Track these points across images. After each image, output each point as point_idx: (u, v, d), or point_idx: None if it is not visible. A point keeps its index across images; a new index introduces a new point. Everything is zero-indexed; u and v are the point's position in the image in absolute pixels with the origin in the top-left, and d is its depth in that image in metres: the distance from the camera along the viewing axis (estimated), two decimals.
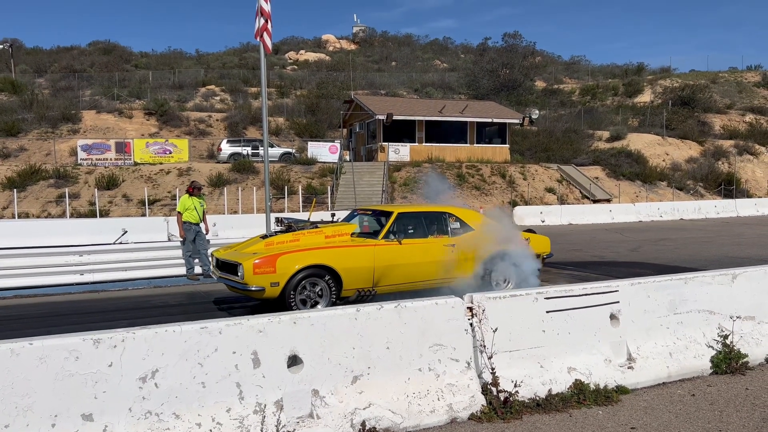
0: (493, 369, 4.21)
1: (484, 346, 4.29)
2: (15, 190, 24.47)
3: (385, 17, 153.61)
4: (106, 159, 28.58)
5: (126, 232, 7.82)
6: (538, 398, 4.35)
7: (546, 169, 31.55)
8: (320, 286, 7.38)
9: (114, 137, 31.71)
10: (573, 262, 12.66)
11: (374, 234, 7.99)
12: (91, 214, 23.52)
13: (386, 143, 29.96)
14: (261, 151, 29.07)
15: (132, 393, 3.35)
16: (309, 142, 32.11)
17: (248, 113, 39.07)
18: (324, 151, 30.81)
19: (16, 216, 22.98)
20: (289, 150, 31.78)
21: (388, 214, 8.11)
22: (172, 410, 3.44)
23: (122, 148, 29.01)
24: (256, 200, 24.96)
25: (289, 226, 8.16)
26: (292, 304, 7.15)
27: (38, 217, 23.86)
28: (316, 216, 13.70)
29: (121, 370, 3.34)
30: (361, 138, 34.04)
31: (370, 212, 8.76)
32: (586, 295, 4.83)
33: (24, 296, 9.21)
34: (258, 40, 11.40)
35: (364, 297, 7.63)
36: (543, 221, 24.64)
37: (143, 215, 23.35)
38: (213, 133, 36.65)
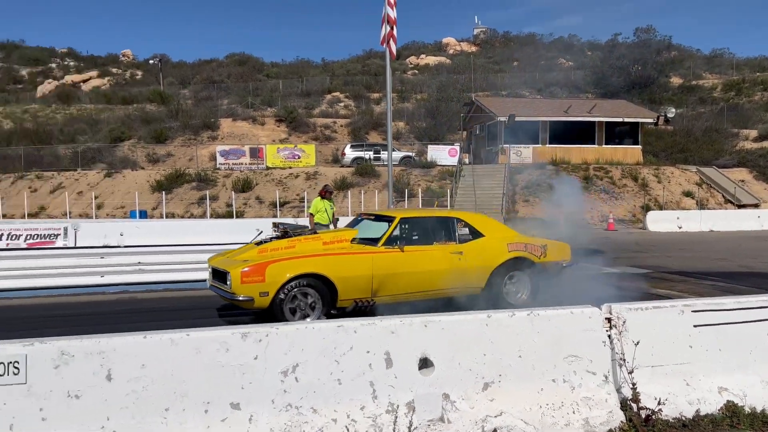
0: (633, 384, 3.97)
1: (624, 360, 4.05)
2: (164, 192, 26.91)
3: (506, 17, 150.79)
4: (242, 163, 30.58)
5: (261, 232, 8.26)
6: (683, 418, 4.05)
7: (683, 172, 29.33)
8: (313, 296, 6.92)
9: (248, 143, 33.85)
10: (716, 273, 11.65)
11: (375, 240, 7.45)
12: (228, 215, 25.29)
13: (507, 145, 29.38)
14: (382, 155, 29.67)
15: (275, 386, 3.55)
16: (429, 146, 32.27)
17: (370, 118, 40.06)
18: (443, 155, 30.82)
19: (164, 216, 25.24)
20: (409, 153, 32.14)
21: (390, 219, 7.64)
22: (310, 405, 3.59)
23: (256, 153, 30.92)
24: (378, 203, 25.52)
25: (285, 232, 7.68)
26: (283, 315, 6.74)
27: (182, 217, 26.04)
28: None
29: (265, 363, 3.54)
30: (481, 140, 33.64)
31: (373, 217, 8.34)
32: (740, 309, 4.42)
33: (172, 290, 10.06)
34: (384, 46, 11.65)
35: (362, 308, 7.14)
36: (680, 227, 22.92)
37: (274, 216, 24.70)
38: (337, 138, 37.97)
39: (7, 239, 16.44)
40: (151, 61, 57.09)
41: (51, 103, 50.27)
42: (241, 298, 6.73)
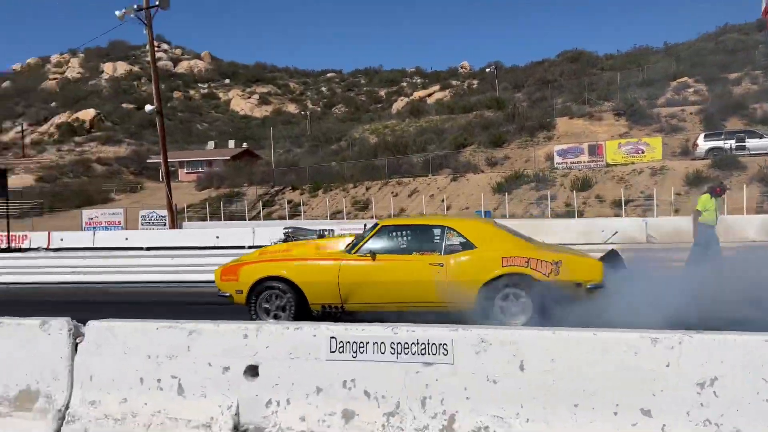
0: None
1: None
2: (505, 193, 28.12)
3: None
4: (580, 162, 29.98)
5: (617, 232, 7.89)
6: None
7: None
8: (284, 298, 7.15)
9: (586, 141, 32.98)
10: None
11: (353, 248, 7.27)
12: (567, 215, 25.03)
13: None
14: (748, 143, 25.56)
15: (689, 397, 3.30)
16: None
17: (728, 102, 34.93)
18: None
19: (507, 216, 26.33)
20: None
21: (376, 227, 7.44)
22: (732, 424, 3.25)
23: (594, 150, 29.95)
24: (745, 200, 22.02)
25: (287, 237, 7.81)
26: (253, 315, 7.09)
27: (521, 217, 26.78)
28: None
29: (678, 372, 3.33)
30: None
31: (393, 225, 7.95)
32: None
33: None
34: (766, 18, 9.98)
35: (331, 314, 7.07)
36: None
37: (616, 216, 23.52)
38: (686, 129, 34.15)
39: None
40: (487, 70, 60.26)
41: (404, 117, 57.26)
42: (223, 294, 7.42)
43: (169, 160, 27.25)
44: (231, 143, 66.36)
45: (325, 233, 9.68)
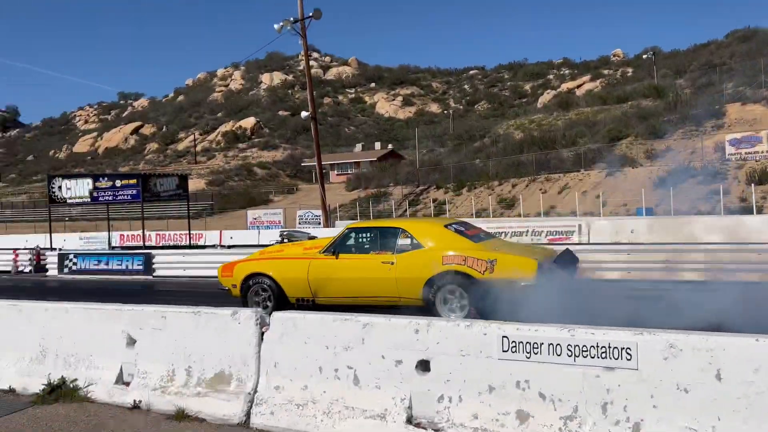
0: None
1: None
2: (669, 188, 25.97)
3: None
4: (757, 152, 26.89)
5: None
6: None
7: None
8: (268, 291, 8.17)
9: (762, 128, 29.48)
10: None
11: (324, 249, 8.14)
12: (742, 211, 22.54)
13: None
14: None
15: None
16: None
17: None
18: None
19: (672, 212, 24.30)
20: None
21: (344, 230, 8.39)
22: None
23: None
24: None
25: (283, 239, 8.09)
26: (248, 305, 8.10)
27: (688, 213, 24.55)
28: None
29: None
30: None
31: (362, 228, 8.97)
32: None
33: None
34: None
35: (303, 306, 7.85)
36: None
37: None
38: None
39: (530, 235, 18.76)
40: (644, 56, 56.16)
41: (552, 111, 55.19)
42: (223, 288, 8.66)
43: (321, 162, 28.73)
44: (377, 145, 68.50)
45: (315, 236, 10.44)
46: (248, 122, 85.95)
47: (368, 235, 8.27)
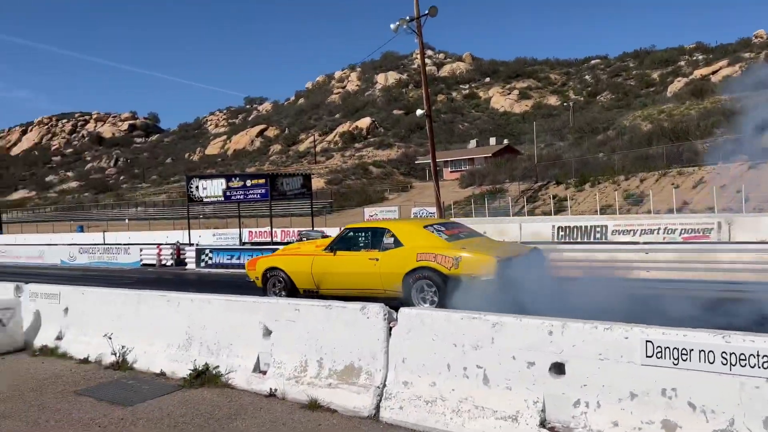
0: None
1: None
2: None
3: None
4: None
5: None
6: None
7: None
8: (282, 283, 9.42)
9: None
10: None
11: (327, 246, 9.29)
12: None
13: None
14: None
15: None
16: None
17: None
18: None
19: None
20: None
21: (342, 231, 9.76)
22: None
23: None
24: None
25: (301, 237, 8.81)
26: (267, 294, 9.42)
27: None
28: None
29: None
30: None
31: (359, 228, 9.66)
32: None
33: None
34: None
35: (310, 296, 8.77)
36: None
37: None
38: None
39: (663, 232, 17.55)
40: None
41: (684, 100, 51.32)
42: (250, 280, 10.06)
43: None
44: (492, 140, 67.35)
45: (329, 235, 11.61)
46: (364, 122, 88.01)
47: (361, 234, 9.13)
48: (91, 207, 77.17)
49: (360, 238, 9.01)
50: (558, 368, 3.82)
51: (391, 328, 4.57)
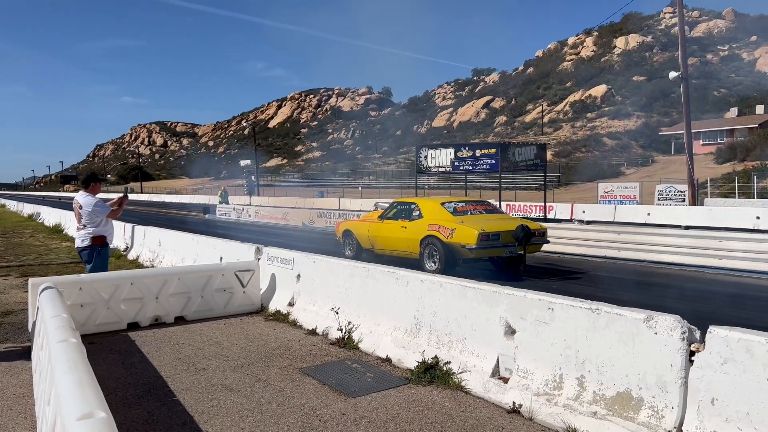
0: None
1: None
2: None
3: None
4: None
5: None
6: None
7: None
8: (353, 242, 12.25)
9: None
10: None
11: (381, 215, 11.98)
12: None
13: None
14: None
15: None
16: None
17: None
18: None
19: None
20: None
21: (392, 203, 12.36)
22: None
23: None
24: None
25: (377, 208, 15.22)
26: (344, 250, 12.41)
27: None
28: None
29: None
30: None
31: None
32: None
33: None
34: None
35: (367, 252, 11.89)
36: None
37: None
38: None
39: None
40: None
41: None
42: (337, 238, 13.13)
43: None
44: (758, 109, 57.15)
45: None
46: (598, 90, 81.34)
47: (402, 207, 11.52)
48: (330, 175, 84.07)
49: (400, 210, 11.45)
50: None
51: (693, 352, 3.25)
